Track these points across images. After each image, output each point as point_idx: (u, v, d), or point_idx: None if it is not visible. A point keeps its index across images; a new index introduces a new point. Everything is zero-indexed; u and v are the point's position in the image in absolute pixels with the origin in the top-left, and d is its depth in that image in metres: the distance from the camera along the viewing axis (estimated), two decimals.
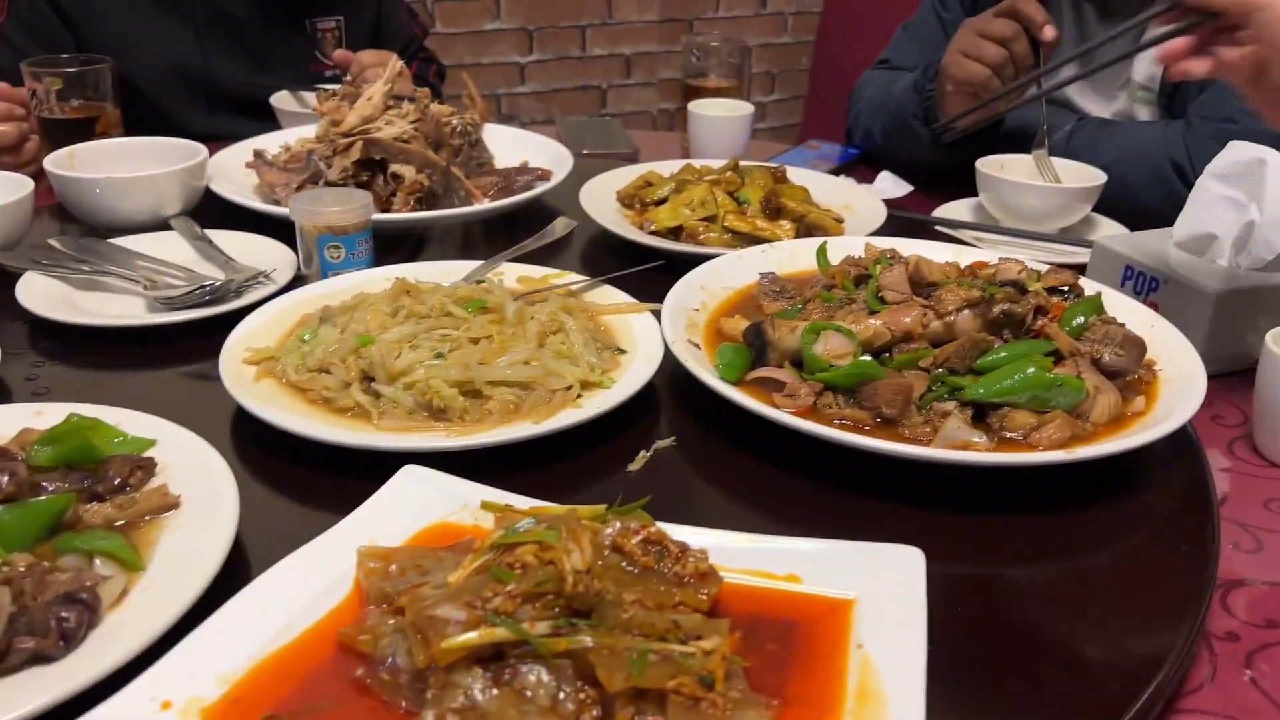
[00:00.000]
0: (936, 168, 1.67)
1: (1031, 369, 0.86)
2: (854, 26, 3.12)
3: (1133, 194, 1.48)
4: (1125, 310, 1.02)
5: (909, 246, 1.15)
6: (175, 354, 1.04)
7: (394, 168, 1.36)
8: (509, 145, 1.59)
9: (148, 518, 0.73)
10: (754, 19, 3.69)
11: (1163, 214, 1.41)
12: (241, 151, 1.50)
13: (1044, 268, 1.07)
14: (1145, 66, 1.61)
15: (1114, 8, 1.63)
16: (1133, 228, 1.45)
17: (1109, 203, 1.46)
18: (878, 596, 0.65)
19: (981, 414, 0.87)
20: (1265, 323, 1.05)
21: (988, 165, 1.47)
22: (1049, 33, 1.45)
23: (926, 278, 0.96)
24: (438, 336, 0.92)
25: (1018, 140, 1.58)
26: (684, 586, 0.63)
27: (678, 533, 0.69)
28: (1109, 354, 0.90)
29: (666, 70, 3.62)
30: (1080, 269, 1.23)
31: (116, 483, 0.75)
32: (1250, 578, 0.81)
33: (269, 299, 1.07)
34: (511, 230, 1.34)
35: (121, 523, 0.72)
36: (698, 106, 1.74)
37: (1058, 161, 1.50)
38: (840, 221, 1.35)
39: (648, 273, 1.15)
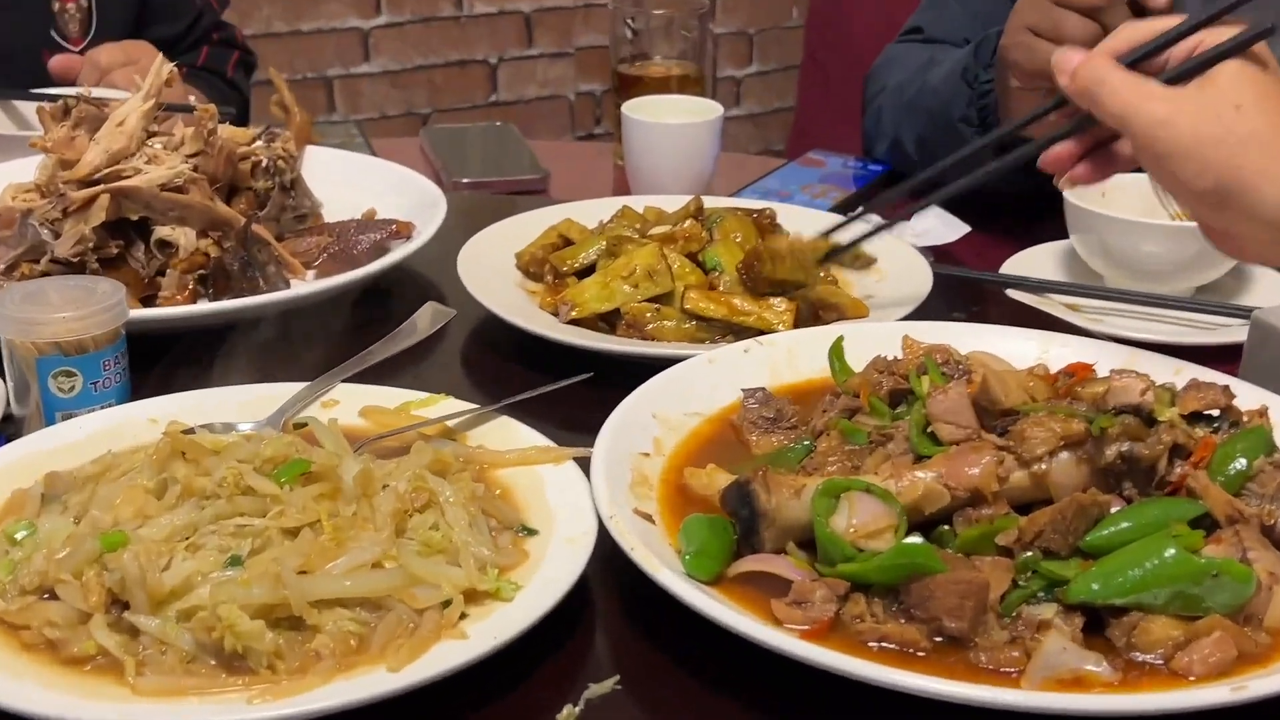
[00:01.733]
0: (1004, 195, 1.67)
1: (1171, 550, 0.84)
2: None
3: None
4: None
5: (971, 336, 1.16)
6: None
7: (161, 232, 1.33)
8: (344, 182, 1.58)
9: None
10: None
11: None
12: None
13: (1179, 374, 1.07)
14: None
15: None
16: None
17: None
18: None
19: (1098, 622, 0.86)
20: None
21: (1083, 193, 1.47)
22: None
23: (1001, 402, 0.95)
24: (231, 529, 0.89)
25: None
26: None
27: None
28: None
29: (587, 34, 3.65)
30: (1233, 353, 1.24)
31: None
32: None
33: None
34: (353, 324, 1.32)
35: None
36: (637, 109, 1.74)
37: None
38: (865, 295, 1.36)
39: (570, 390, 1.13)
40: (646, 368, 1.13)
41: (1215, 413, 0.97)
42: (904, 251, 1.42)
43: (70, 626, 0.85)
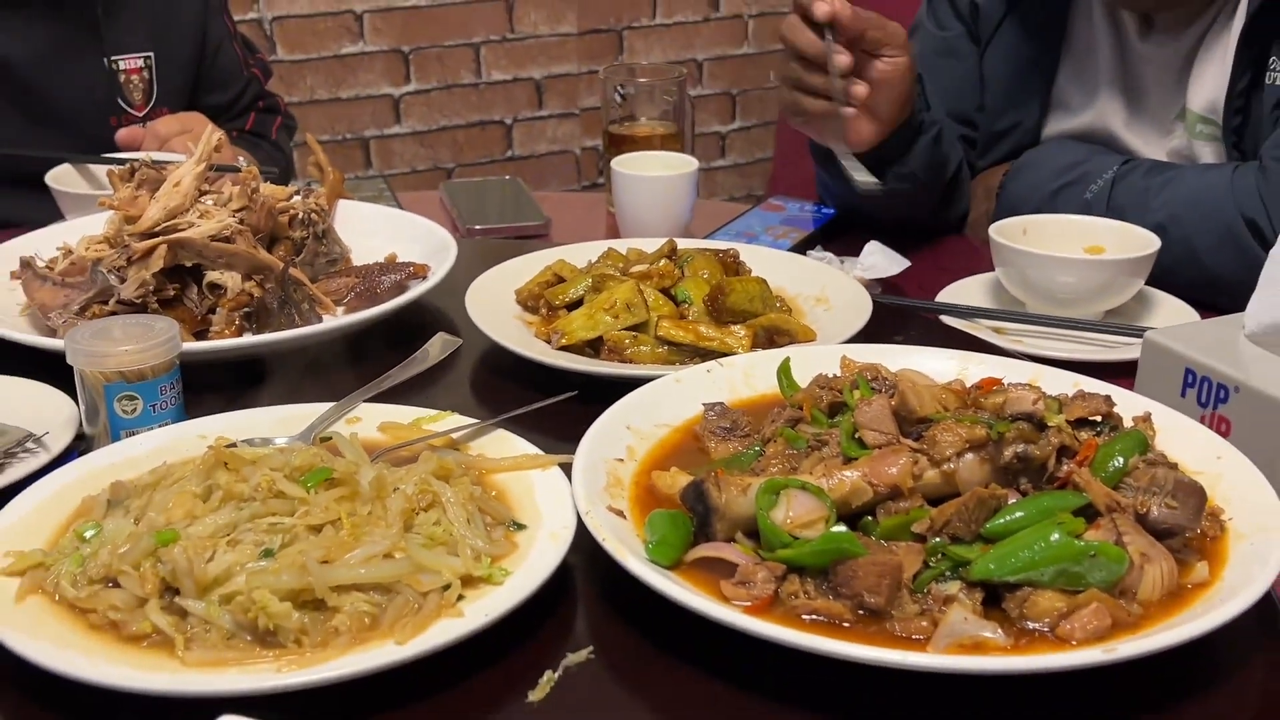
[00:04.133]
0: (926, 225, 1.75)
1: (1056, 535, 0.88)
2: None
3: (1198, 261, 1.54)
4: (1183, 436, 1.05)
5: (901, 356, 1.20)
6: None
7: (211, 276, 1.38)
8: (370, 231, 1.63)
9: None
10: (703, 25, 3.81)
11: (1240, 286, 1.44)
12: (5, 257, 1.51)
13: (1076, 386, 1.11)
14: (1205, 91, 1.67)
15: (1162, 18, 1.69)
16: (1203, 303, 1.51)
17: (1170, 272, 1.52)
18: None
19: (995, 596, 0.89)
20: None
21: (1005, 230, 1.53)
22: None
23: (916, 411, 0.99)
24: (265, 526, 0.93)
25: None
26: None
27: None
28: (1158, 506, 0.92)
29: (591, 98, 3.71)
30: (1132, 368, 1.26)
31: None
32: None
33: (39, 474, 1.08)
34: (376, 351, 1.37)
35: None
36: (624, 164, 1.79)
37: (1099, 222, 1.56)
38: (814, 323, 1.40)
39: (558, 407, 1.18)
40: (624, 386, 1.17)
41: (1098, 419, 1.01)
42: (849, 284, 1.47)
43: (130, 609, 0.89)
